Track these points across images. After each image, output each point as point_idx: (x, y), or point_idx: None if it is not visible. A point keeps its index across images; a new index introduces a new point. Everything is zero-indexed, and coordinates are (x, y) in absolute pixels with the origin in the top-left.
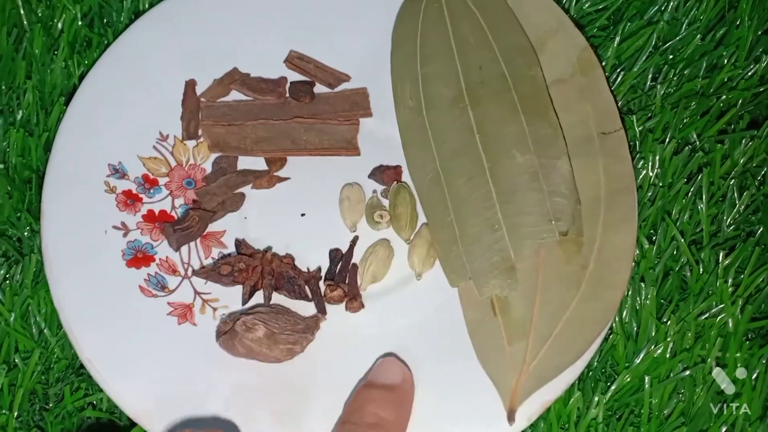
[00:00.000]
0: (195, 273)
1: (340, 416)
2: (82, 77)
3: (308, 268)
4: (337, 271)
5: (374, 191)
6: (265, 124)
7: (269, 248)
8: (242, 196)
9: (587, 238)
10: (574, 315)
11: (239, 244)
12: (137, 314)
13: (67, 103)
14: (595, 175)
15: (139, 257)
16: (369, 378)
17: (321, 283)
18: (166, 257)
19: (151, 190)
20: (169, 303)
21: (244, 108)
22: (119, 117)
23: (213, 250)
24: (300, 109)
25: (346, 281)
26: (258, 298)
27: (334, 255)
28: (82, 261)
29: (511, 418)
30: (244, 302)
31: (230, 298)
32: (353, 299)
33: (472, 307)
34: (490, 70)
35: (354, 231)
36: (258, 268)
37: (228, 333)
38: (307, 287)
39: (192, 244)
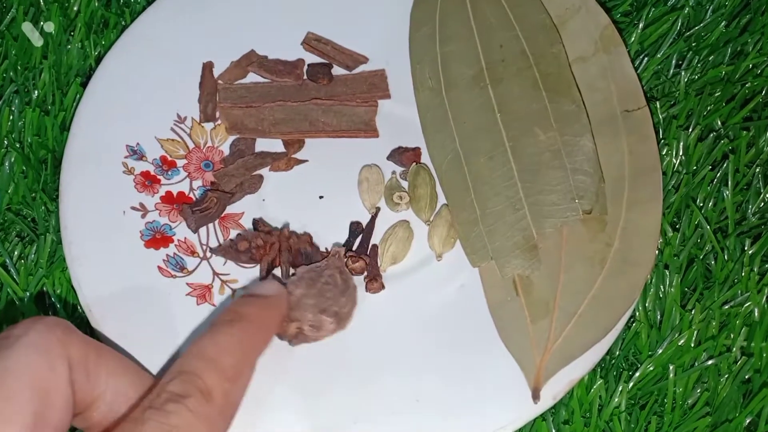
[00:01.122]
0: (212, 251)
1: None
2: (98, 58)
3: (326, 249)
4: (358, 244)
5: (393, 172)
6: (282, 105)
7: (287, 225)
8: (260, 178)
9: (611, 216)
10: (599, 293)
11: (256, 222)
12: (156, 294)
13: (83, 84)
14: (618, 154)
15: (157, 238)
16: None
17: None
18: (185, 238)
19: (169, 172)
20: (188, 284)
21: (261, 90)
22: (137, 98)
23: (231, 232)
24: (318, 91)
25: (368, 254)
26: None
27: (355, 228)
28: (101, 241)
29: (535, 396)
30: (263, 277)
31: (249, 278)
32: (373, 280)
33: (494, 287)
34: (511, 49)
35: (373, 212)
36: (275, 245)
37: (296, 336)
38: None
39: (210, 225)
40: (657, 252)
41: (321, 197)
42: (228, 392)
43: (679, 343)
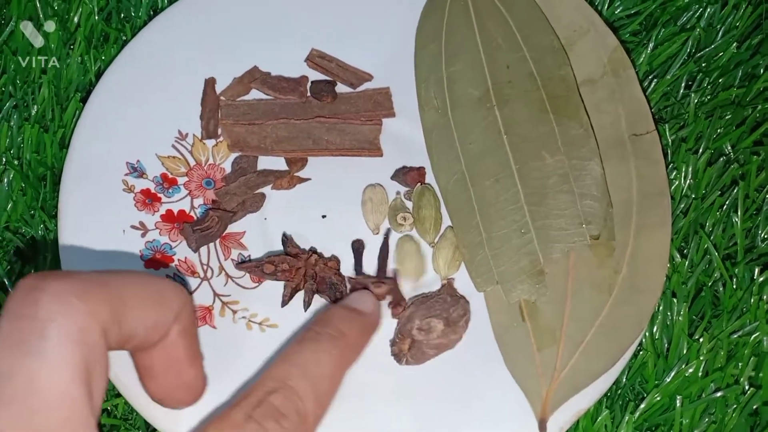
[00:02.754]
0: (238, 266)
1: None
2: (98, 73)
3: (352, 277)
4: (377, 268)
5: (397, 193)
6: (285, 123)
7: (314, 249)
8: (262, 196)
9: (619, 242)
10: (607, 320)
11: (286, 240)
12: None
13: (83, 100)
14: (627, 178)
15: (157, 258)
16: (342, 301)
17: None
18: (185, 258)
19: (170, 190)
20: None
21: (264, 107)
22: (137, 115)
23: (232, 251)
24: (321, 109)
25: (387, 276)
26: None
27: (357, 246)
28: (100, 261)
29: (542, 428)
30: (284, 303)
31: (250, 300)
32: (398, 305)
33: (500, 312)
34: (518, 70)
35: (377, 233)
36: (301, 270)
37: (410, 348)
38: (354, 289)
39: (211, 245)
40: (666, 276)
41: (324, 216)
42: (318, 417)
43: (687, 373)
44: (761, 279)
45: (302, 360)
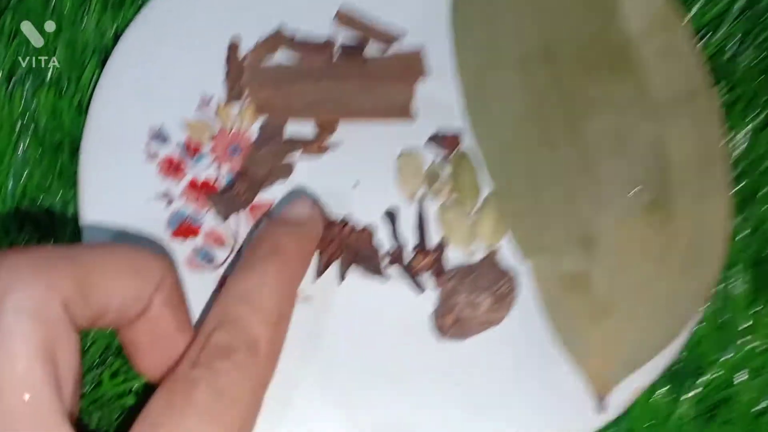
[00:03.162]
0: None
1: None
2: (116, 36)
3: (387, 250)
4: (417, 239)
5: (434, 160)
6: (314, 86)
7: (346, 219)
8: (291, 163)
9: (676, 209)
10: (665, 293)
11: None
12: (185, 289)
13: (101, 64)
14: (683, 140)
15: (184, 228)
16: (274, 215)
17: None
18: (212, 228)
19: (195, 157)
20: (222, 277)
21: (291, 70)
22: (158, 79)
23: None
24: (351, 71)
25: (424, 245)
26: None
27: (391, 216)
28: (124, 233)
29: (601, 406)
30: (319, 274)
31: None
32: (440, 274)
33: (548, 285)
34: (565, 24)
35: (413, 202)
36: (334, 242)
37: (454, 323)
38: (390, 266)
39: (240, 214)
40: (726, 247)
41: (356, 184)
42: (273, 339)
43: (749, 346)
44: None
45: (238, 288)
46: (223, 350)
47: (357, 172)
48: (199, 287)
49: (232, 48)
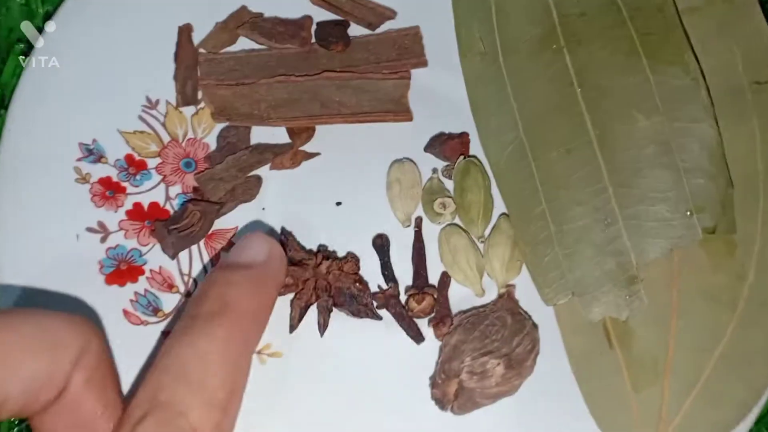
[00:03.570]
0: None
1: None
2: (47, 17)
3: (379, 286)
4: (413, 274)
5: (434, 170)
6: (284, 81)
7: (324, 248)
8: (258, 180)
9: (743, 235)
10: (732, 349)
11: (286, 240)
12: (122, 349)
13: (26, 53)
14: (749, 144)
15: (122, 270)
16: (223, 258)
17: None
18: (159, 268)
19: (138, 176)
20: (164, 333)
21: (256, 61)
22: (93, 78)
23: (222, 255)
24: (330, 60)
25: (424, 279)
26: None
27: (380, 244)
28: (47, 278)
29: None
30: (293, 328)
31: None
32: (441, 322)
33: (578, 336)
34: None
35: (408, 225)
36: (310, 282)
37: (458, 395)
38: (384, 307)
39: (194, 248)
40: None
41: (338, 204)
42: (220, 424)
43: None
44: None
45: (176, 361)
46: None
47: (339, 189)
48: (140, 347)
49: (183, 33)
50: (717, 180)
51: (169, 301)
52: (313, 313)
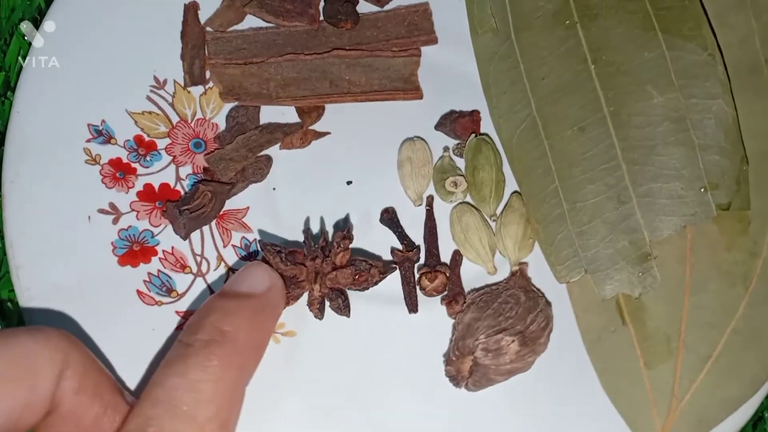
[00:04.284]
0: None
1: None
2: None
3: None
4: (424, 254)
5: (445, 148)
6: (293, 60)
7: (316, 245)
8: (268, 160)
9: (757, 212)
10: (745, 324)
11: (265, 245)
12: (136, 329)
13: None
14: (765, 121)
15: (135, 251)
16: (222, 287)
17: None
18: (172, 248)
19: (148, 157)
20: (178, 312)
21: (264, 39)
22: (100, 58)
23: (233, 235)
24: (339, 38)
25: (436, 258)
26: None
27: (388, 218)
28: (60, 260)
29: None
30: (321, 318)
31: None
32: (454, 301)
33: (591, 313)
34: None
35: (419, 204)
36: (312, 276)
37: (473, 372)
38: (398, 265)
39: (205, 228)
40: None
41: (349, 183)
42: None
43: None
44: None
45: (168, 391)
46: None
47: (349, 168)
48: (155, 327)
49: (189, 10)
50: (732, 157)
51: (182, 282)
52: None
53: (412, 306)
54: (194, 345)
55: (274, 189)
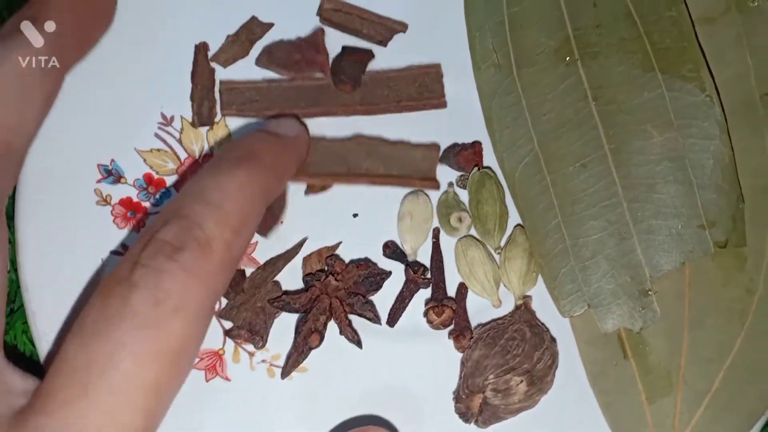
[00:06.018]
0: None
1: None
2: None
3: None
4: (431, 288)
5: (450, 184)
6: (314, 146)
7: (329, 266)
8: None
9: (753, 249)
10: (742, 360)
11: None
12: None
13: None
14: (760, 158)
15: None
16: (261, 126)
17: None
18: None
19: (158, 195)
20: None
21: (277, 91)
22: (107, 98)
23: (243, 270)
24: (351, 95)
25: (443, 292)
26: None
27: (391, 251)
28: (73, 301)
29: None
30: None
31: (271, 337)
32: (461, 335)
33: (593, 346)
34: (609, 9)
35: (413, 258)
36: (323, 301)
37: (482, 410)
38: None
39: None
40: None
41: (355, 215)
42: (230, 244)
43: None
44: None
45: (197, 187)
46: (169, 248)
47: (356, 200)
48: None
49: (200, 51)
50: (729, 195)
51: None
52: (334, 329)
53: (392, 321)
54: (226, 158)
55: (281, 222)
